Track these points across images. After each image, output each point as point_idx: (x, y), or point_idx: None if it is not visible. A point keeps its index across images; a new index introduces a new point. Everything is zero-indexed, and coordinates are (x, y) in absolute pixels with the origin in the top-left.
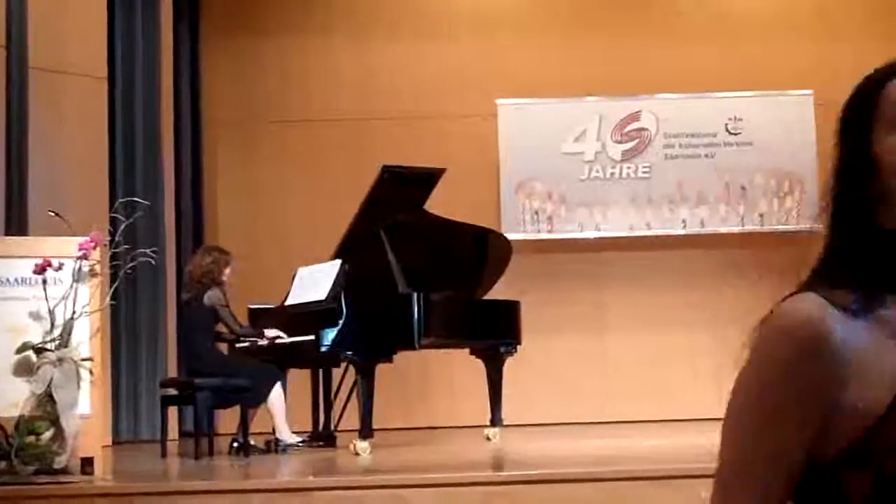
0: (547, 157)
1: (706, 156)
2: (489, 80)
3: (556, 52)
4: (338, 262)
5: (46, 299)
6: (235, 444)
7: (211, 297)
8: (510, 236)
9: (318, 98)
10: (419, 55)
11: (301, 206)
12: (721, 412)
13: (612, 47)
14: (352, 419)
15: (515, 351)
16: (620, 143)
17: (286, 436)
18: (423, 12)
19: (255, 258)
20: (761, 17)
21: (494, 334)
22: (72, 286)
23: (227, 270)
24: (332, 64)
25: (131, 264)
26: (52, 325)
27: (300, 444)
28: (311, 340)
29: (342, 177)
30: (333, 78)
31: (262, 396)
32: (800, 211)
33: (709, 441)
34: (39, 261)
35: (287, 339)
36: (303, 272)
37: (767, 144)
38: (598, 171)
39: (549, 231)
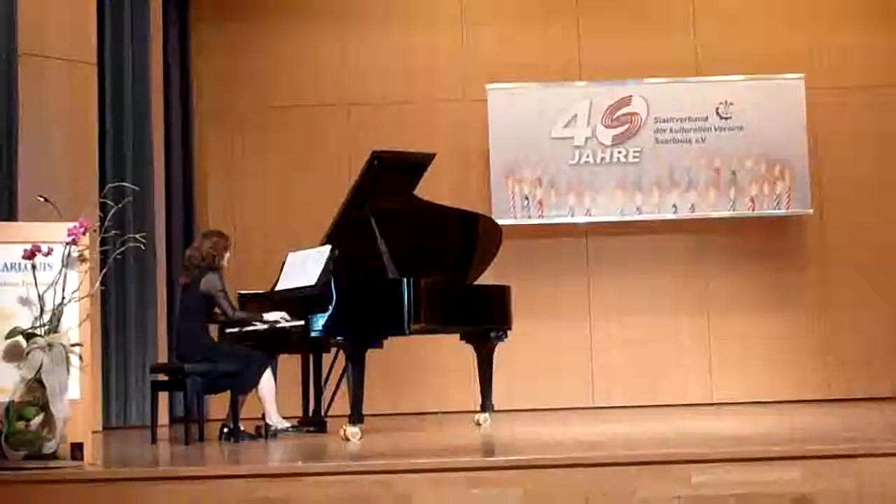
0: (537, 143)
1: (697, 140)
2: (479, 64)
3: (547, 37)
4: (327, 247)
5: (36, 285)
6: (225, 430)
7: (208, 282)
8: (500, 221)
9: (308, 83)
10: (409, 40)
11: (291, 192)
12: (709, 397)
13: (602, 32)
14: (342, 404)
15: (506, 336)
16: (611, 127)
17: (276, 421)
18: None
19: (244, 243)
20: (752, 1)
21: (485, 320)
22: (61, 271)
23: (227, 255)
24: (322, 49)
25: (120, 249)
26: (42, 310)
27: (290, 430)
28: (302, 326)
29: (333, 162)
30: (323, 63)
31: (251, 382)
32: (790, 196)
33: (695, 426)
34: (29, 246)
35: (289, 323)
36: (292, 257)
37: (758, 129)
38: (588, 156)
39: (540, 216)
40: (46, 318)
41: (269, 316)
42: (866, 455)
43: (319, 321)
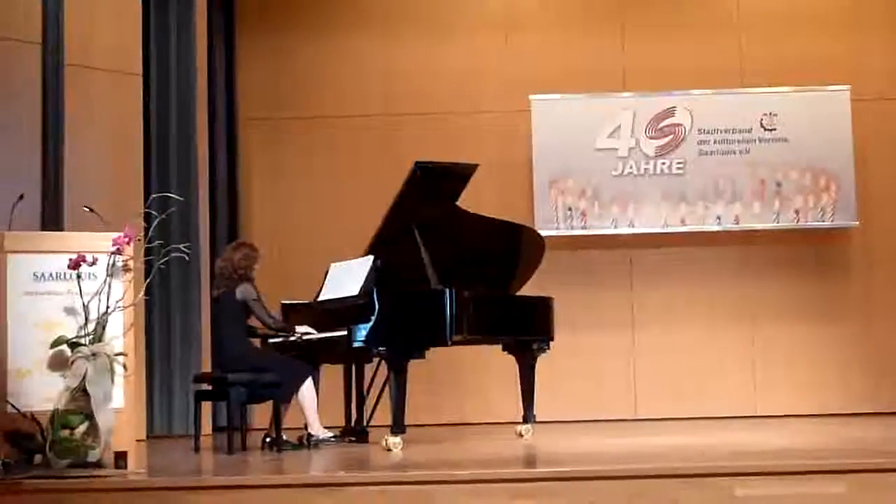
0: (580, 154)
1: (741, 152)
2: (523, 75)
3: (591, 48)
4: (370, 257)
5: (81, 294)
6: (268, 439)
7: (244, 291)
8: (543, 232)
9: (352, 93)
10: (452, 51)
11: (334, 201)
12: (753, 410)
13: (646, 43)
14: (384, 415)
15: (548, 348)
16: (654, 139)
17: (318, 431)
18: (456, 8)
19: (288, 252)
20: (797, 12)
21: (527, 331)
22: (106, 281)
23: (257, 266)
24: (366, 59)
25: (164, 259)
26: (87, 319)
27: (332, 439)
28: (344, 336)
29: (376, 172)
30: (367, 73)
31: (293, 391)
32: (835, 207)
33: (739, 438)
34: (74, 256)
35: (316, 336)
36: (336, 268)
37: (803, 140)
38: (631, 167)
39: (583, 227)
40: (91, 327)
41: (301, 328)
42: None
43: (362, 331)
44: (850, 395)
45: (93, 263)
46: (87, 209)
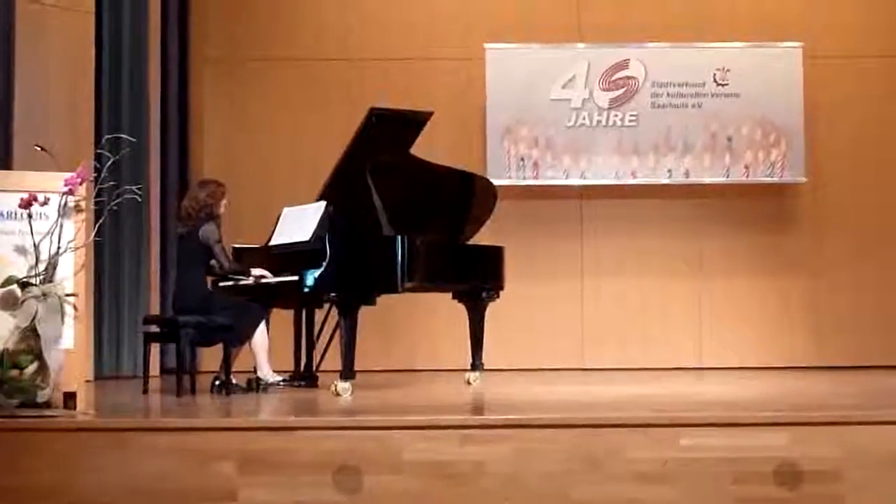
0: (534, 103)
1: (693, 106)
2: (478, 24)
3: None
4: (323, 203)
5: (32, 234)
6: (217, 382)
7: (206, 232)
8: (495, 182)
9: (307, 38)
10: None
11: (287, 145)
12: (699, 361)
13: None
14: (333, 360)
15: (498, 296)
16: (608, 90)
17: (268, 375)
18: None
19: (240, 195)
20: None
21: (477, 279)
22: (57, 221)
23: (224, 202)
24: (322, 3)
25: (117, 201)
26: (38, 259)
27: (281, 384)
28: (295, 281)
29: (329, 117)
30: (323, 17)
31: (244, 335)
32: (784, 163)
33: (685, 390)
34: (25, 195)
35: (272, 280)
36: (288, 212)
37: (755, 96)
38: (584, 119)
39: (535, 177)
40: (42, 267)
41: (256, 271)
42: (854, 423)
43: (313, 276)
44: (795, 349)
45: (44, 203)
46: (38, 148)
